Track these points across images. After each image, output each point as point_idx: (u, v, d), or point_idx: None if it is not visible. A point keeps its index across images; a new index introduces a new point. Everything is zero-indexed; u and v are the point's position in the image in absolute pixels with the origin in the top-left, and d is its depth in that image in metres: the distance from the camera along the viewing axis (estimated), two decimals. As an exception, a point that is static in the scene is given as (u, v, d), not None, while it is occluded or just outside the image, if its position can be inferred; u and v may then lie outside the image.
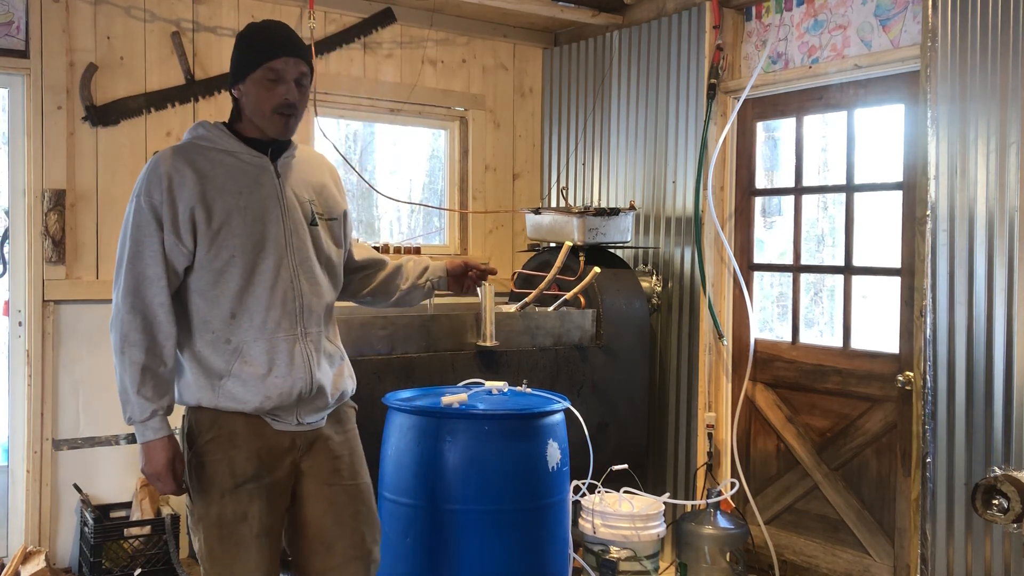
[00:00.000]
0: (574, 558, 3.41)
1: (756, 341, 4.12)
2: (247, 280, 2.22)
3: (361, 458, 2.46)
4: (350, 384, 2.45)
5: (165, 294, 2.20)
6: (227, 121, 2.35)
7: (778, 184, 4.37)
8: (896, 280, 3.64)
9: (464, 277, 2.71)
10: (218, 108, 4.19)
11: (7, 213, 3.90)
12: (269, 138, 2.30)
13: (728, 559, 3.74)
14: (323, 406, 2.34)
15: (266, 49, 2.23)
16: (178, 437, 2.30)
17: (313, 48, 4.26)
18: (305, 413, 2.30)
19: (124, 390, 2.19)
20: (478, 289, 2.81)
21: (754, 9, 4.15)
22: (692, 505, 4.00)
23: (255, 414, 2.24)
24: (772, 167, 4.41)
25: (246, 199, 2.24)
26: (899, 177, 3.62)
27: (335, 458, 2.37)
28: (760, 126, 4.21)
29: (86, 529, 3.78)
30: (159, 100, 4.06)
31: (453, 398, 3.07)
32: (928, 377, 3.27)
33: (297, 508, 2.36)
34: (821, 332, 4.70)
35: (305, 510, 2.35)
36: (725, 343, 4.18)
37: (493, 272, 2.77)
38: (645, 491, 3.72)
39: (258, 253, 2.23)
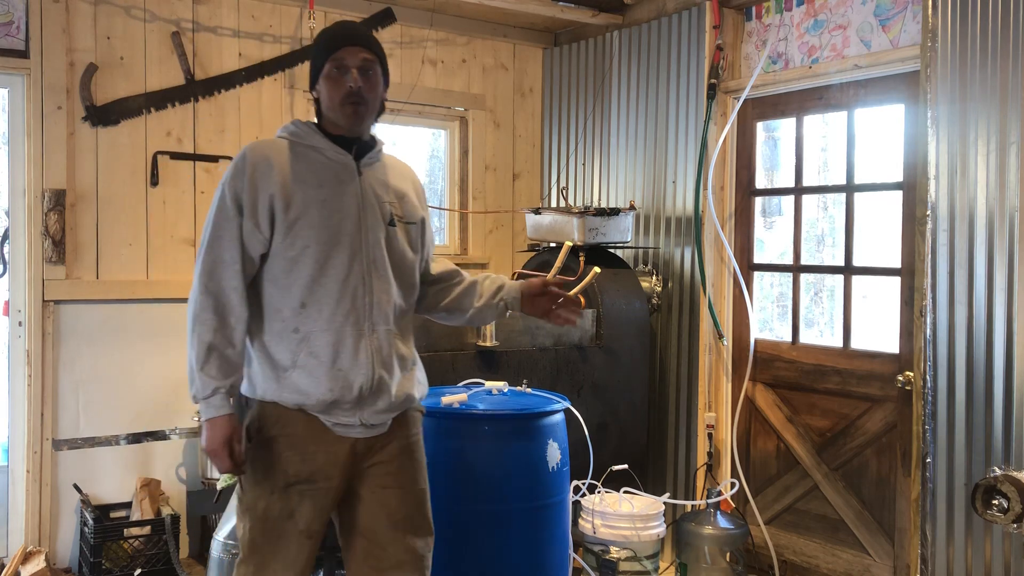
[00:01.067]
0: (574, 558, 3.41)
1: (756, 341, 4.12)
2: (319, 271, 2.26)
3: (420, 464, 2.45)
4: (418, 389, 2.44)
5: (239, 279, 2.24)
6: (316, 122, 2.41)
7: (778, 184, 4.37)
8: (896, 280, 3.64)
9: (540, 298, 2.57)
10: (218, 108, 4.20)
11: (7, 213, 3.90)
12: (353, 135, 2.35)
13: (728, 559, 3.74)
14: (385, 408, 2.33)
15: (329, 44, 2.31)
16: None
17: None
18: (368, 414, 2.30)
19: (190, 367, 2.23)
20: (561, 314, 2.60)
21: (754, 9, 4.15)
22: (692, 505, 4.00)
23: (317, 416, 2.27)
24: (772, 167, 4.41)
25: (326, 192, 2.28)
26: (899, 177, 3.62)
27: (394, 462, 2.38)
28: (760, 126, 4.21)
29: (86, 529, 3.78)
30: (159, 100, 4.06)
31: (453, 398, 3.07)
32: (928, 377, 3.27)
33: (352, 510, 2.37)
34: (821, 332, 4.70)
35: (360, 512, 2.37)
36: (725, 343, 4.18)
37: (578, 305, 2.60)
38: (645, 491, 3.72)
39: (332, 246, 2.27)
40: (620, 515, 3.54)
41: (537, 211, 4.35)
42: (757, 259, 4.24)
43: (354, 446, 2.31)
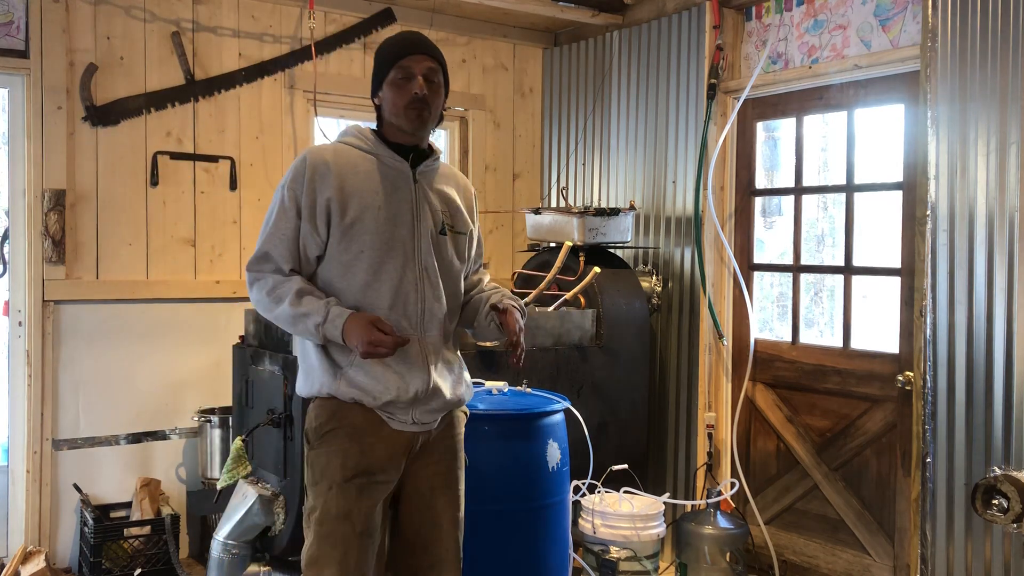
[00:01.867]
0: (574, 558, 3.41)
1: (756, 341, 4.12)
2: (373, 276, 2.30)
3: (463, 465, 2.50)
4: (467, 393, 2.49)
5: (286, 261, 2.29)
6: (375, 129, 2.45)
7: (778, 184, 4.37)
8: (896, 280, 3.64)
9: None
10: (218, 108, 4.20)
11: (7, 213, 3.90)
12: (411, 144, 2.39)
13: (728, 559, 3.74)
14: (439, 408, 2.37)
15: (395, 51, 2.36)
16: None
17: (313, 48, 4.27)
18: (420, 413, 2.34)
19: (295, 323, 2.25)
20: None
21: (754, 9, 4.15)
22: (692, 505, 4.00)
23: (373, 409, 2.30)
24: (772, 167, 4.41)
25: (381, 199, 2.32)
26: (899, 177, 3.62)
27: (442, 463, 2.43)
28: (760, 126, 4.21)
29: (86, 529, 3.78)
30: (159, 100, 4.06)
31: (453, 398, 3.06)
32: (928, 377, 3.27)
33: (396, 508, 2.41)
34: (821, 332, 4.71)
35: (404, 511, 2.40)
36: (725, 343, 4.18)
37: (516, 365, 2.56)
38: (645, 491, 3.72)
39: (386, 252, 2.31)
40: (620, 515, 3.53)
41: (537, 211, 4.35)
42: (757, 259, 4.24)
43: (412, 440, 2.35)
